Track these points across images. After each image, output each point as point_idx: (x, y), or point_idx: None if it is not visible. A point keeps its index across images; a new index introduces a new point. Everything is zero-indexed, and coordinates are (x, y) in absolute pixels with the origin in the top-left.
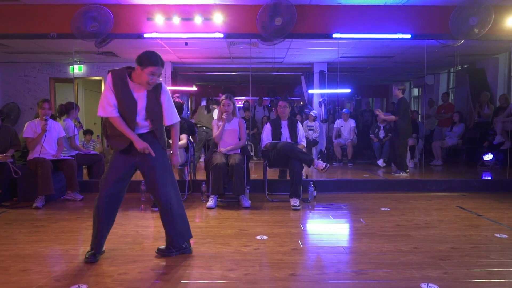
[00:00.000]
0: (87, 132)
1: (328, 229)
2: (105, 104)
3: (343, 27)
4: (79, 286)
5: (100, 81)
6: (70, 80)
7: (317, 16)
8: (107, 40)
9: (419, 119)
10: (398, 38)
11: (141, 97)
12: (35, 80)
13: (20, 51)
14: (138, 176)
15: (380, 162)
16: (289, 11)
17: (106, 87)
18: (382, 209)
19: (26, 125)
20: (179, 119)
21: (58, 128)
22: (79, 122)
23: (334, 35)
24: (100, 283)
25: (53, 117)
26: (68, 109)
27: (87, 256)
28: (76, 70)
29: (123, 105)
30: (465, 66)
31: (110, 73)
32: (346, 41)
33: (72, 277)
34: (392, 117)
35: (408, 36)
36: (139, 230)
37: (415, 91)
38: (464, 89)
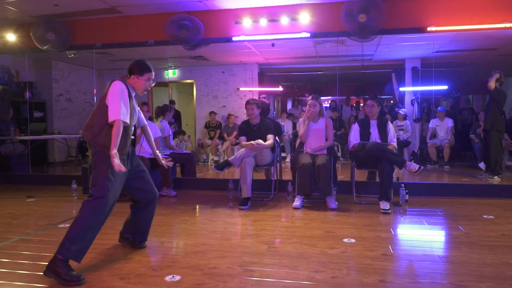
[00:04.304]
0: (180, 133)
1: (421, 236)
2: (124, 110)
3: (439, 19)
4: (173, 276)
5: (191, 84)
6: (165, 84)
7: (409, 9)
8: (199, 45)
9: None
10: (504, 28)
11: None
12: None
13: (122, 59)
14: (226, 175)
15: (482, 164)
16: (374, 6)
17: (122, 94)
18: (485, 216)
19: None
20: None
21: (155, 128)
22: (173, 123)
23: (428, 29)
24: (191, 275)
25: (150, 119)
26: (163, 111)
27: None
28: (171, 74)
29: (130, 115)
30: None
31: (121, 82)
32: (442, 34)
33: (167, 267)
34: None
35: None
36: (227, 227)
37: None
38: None
